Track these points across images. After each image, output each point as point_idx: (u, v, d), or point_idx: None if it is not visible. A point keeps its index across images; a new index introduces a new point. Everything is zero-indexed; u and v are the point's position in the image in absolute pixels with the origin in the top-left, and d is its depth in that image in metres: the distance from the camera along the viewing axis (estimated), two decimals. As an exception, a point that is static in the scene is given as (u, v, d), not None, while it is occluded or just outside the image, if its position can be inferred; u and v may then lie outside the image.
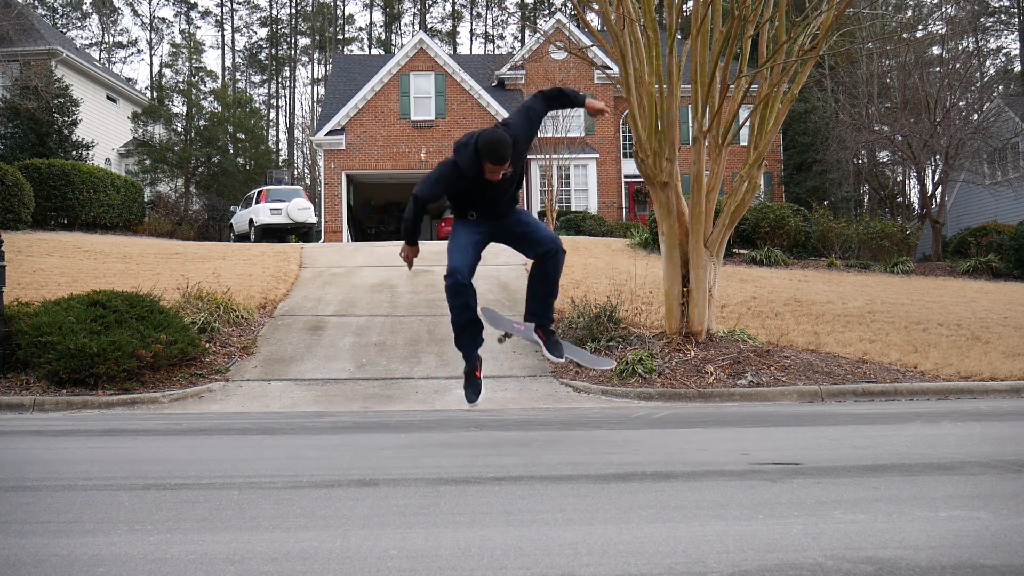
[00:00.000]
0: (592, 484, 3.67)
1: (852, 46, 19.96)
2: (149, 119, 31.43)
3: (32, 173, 19.18)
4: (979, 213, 26.96)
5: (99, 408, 7.33)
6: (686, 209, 8.88)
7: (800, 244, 17.38)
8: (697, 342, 8.65)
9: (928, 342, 9.65)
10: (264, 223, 23.86)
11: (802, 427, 5.83)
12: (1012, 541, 2.68)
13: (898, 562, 2.46)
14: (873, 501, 3.25)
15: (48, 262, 13.49)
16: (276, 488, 3.62)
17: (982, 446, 4.66)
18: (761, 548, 2.62)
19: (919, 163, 21.19)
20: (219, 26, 59.27)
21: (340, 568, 2.47)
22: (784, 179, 30.89)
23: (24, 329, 7.88)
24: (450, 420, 6.40)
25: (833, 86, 28.61)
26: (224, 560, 2.55)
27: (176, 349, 8.18)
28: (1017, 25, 40.86)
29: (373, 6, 59.32)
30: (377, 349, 9.33)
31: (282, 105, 59.20)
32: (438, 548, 2.66)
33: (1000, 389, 7.84)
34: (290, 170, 46.89)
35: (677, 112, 8.83)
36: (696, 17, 8.79)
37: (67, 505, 3.33)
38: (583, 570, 2.43)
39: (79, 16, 55.25)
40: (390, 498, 3.41)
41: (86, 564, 2.52)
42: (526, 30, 55.38)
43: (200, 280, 11.16)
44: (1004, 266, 16.89)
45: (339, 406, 7.44)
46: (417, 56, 28.31)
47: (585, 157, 28.58)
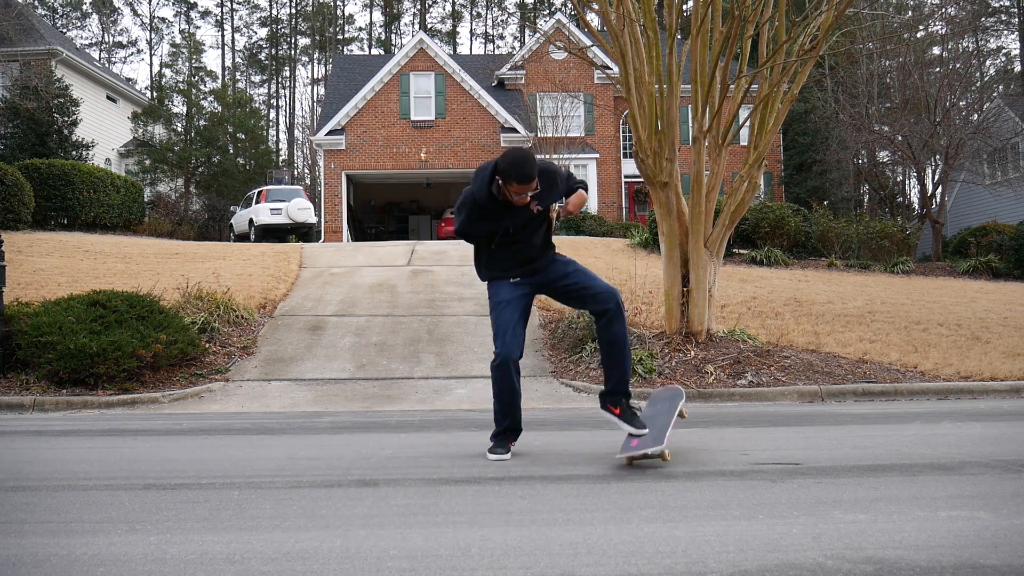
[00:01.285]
0: (592, 484, 3.67)
1: (852, 46, 19.98)
2: (149, 119, 31.43)
3: (32, 173, 19.18)
4: (979, 213, 26.96)
5: (99, 408, 7.33)
6: (686, 209, 8.88)
7: (800, 244, 17.38)
8: (697, 342, 8.65)
9: (928, 342, 9.65)
10: (264, 223, 23.86)
11: (802, 427, 5.82)
12: (1012, 541, 2.68)
13: (898, 562, 2.46)
14: (873, 501, 3.25)
15: (48, 262, 13.49)
16: (276, 488, 3.62)
17: (982, 446, 4.66)
18: (761, 548, 2.62)
19: (919, 163, 21.19)
20: (219, 26, 59.30)
21: (340, 568, 2.47)
22: (784, 179, 30.89)
23: (24, 329, 7.88)
24: (450, 420, 6.40)
25: (833, 86, 28.61)
26: (224, 560, 2.55)
27: (176, 349, 8.18)
28: (1017, 25, 40.86)
29: (373, 6, 59.33)
30: (377, 349, 9.33)
31: (282, 105, 59.23)
32: (438, 548, 2.66)
33: (1000, 389, 7.84)
34: (290, 170, 46.88)
35: (677, 112, 8.83)
36: (696, 17, 8.79)
37: (67, 505, 3.33)
38: (583, 570, 2.43)
39: (79, 16, 55.26)
40: (390, 498, 3.41)
41: (86, 564, 2.52)
42: (526, 30, 55.41)
43: (200, 280, 11.16)
44: (1004, 266, 16.89)
45: (339, 406, 7.44)
46: (417, 56, 28.31)
47: (585, 157, 28.57)
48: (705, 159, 8.88)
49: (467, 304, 11.42)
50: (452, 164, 27.76)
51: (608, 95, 29.57)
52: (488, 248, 4.26)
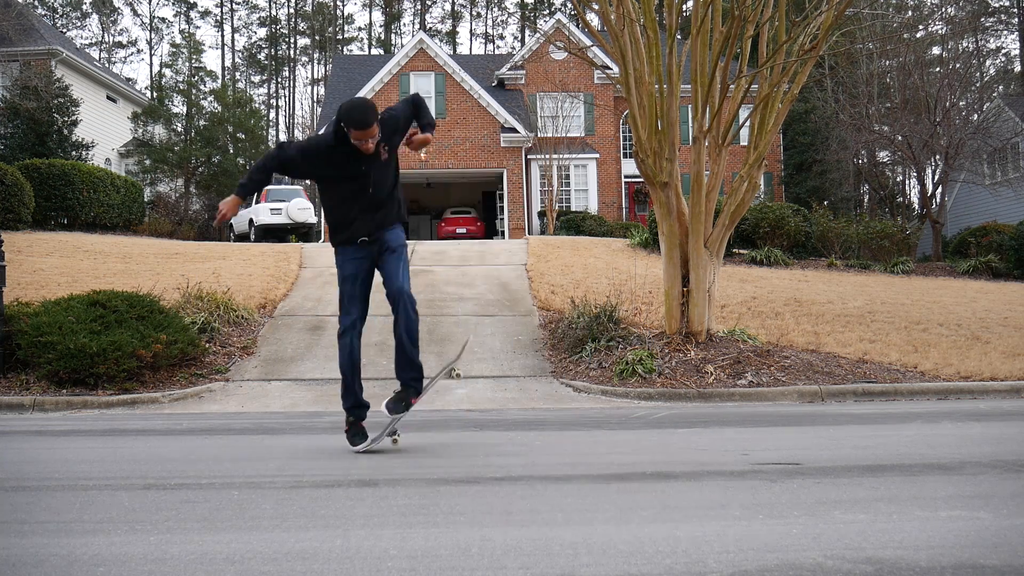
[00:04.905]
0: (592, 484, 3.67)
1: (852, 46, 19.99)
2: (149, 119, 31.42)
3: (32, 173, 19.17)
4: (979, 213, 26.95)
5: (99, 408, 7.33)
6: (686, 209, 8.88)
7: (800, 244, 17.38)
8: (697, 342, 8.65)
9: (928, 342, 9.65)
10: (264, 223, 23.85)
11: (802, 427, 5.82)
12: (1012, 541, 2.68)
13: (898, 562, 2.46)
14: (873, 501, 3.25)
15: (48, 262, 13.49)
16: (276, 488, 3.62)
17: (982, 446, 4.66)
18: (761, 548, 2.62)
19: (919, 163, 21.19)
20: (219, 26, 59.29)
21: (340, 568, 2.47)
22: (784, 179, 30.89)
23: (24, 329, 7.88)
24: (450, 420, 6.40)
25: (833, 86, 28.61)
26: (224, 560, 2.55)
27: (176, 349, 8.18)
28: (1017, 25, 40.86)
29: (373, 6, 59.32)
30: (377, 349, 9.32)
31: (282, 105, 59.23)
32: (438, 548, 2.66)
33: (1000, 389, 7.84)
34: (290, 170, 46.78)
35: (677, 112, 8.83)
36: (696, 17, 8.79)
37: (67, 505, 3.33)
38: (583, 570, 2.42)
39: (79, 16, 55.24)
40: (390, 498, 3.41)
41: (86, 564, 2.52)
42: (526, 30, 55.41)
43: (200, 280, 11.16)
44: (1004, 266, 16.89)
45: (339, 406, 7.42)
46: (417, 56, 28.30)
47: (585, 157, 28.57)
48: (705, 159, 8.88)
49: (467, 304, 11.41)
50: (452, 164, 27.76)
51: (608, 95, 29.56)
52: (338, 199, 4.40)
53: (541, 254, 15.43)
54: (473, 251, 16.16)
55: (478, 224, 28.17)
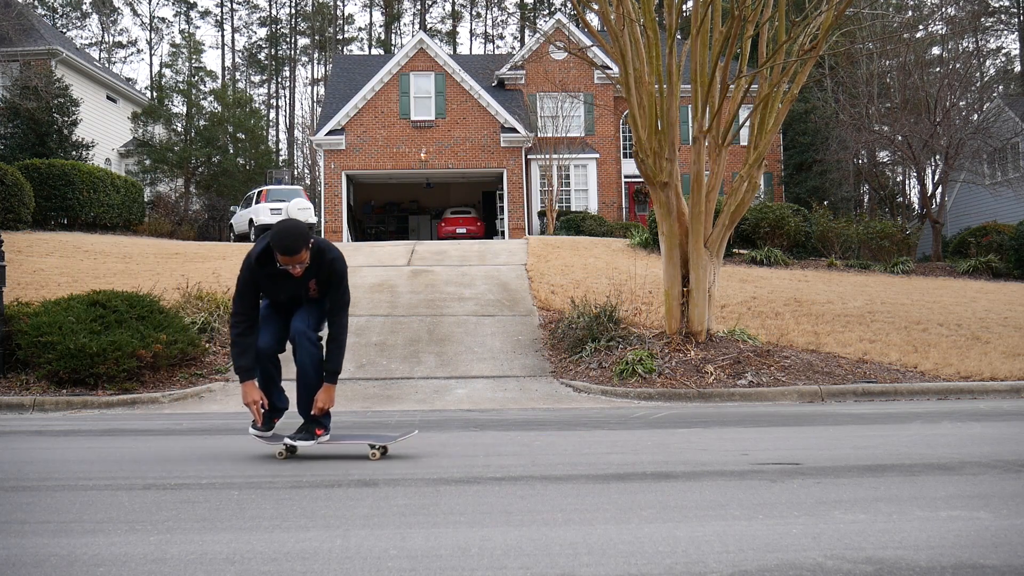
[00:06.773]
0: (592, 484, 3.67)
1: (852, 46, 19.96)
2: (149, 119, 31.41)
3: (32, 173, 19.18)
4: (979, 213, 26.95)
5: (99, 408, 7.33)
6: (686, 209, 8.88)
7: (800, 244, 17.38)
8: (697, 342, 8.65)
9: (928, 342, 9.65)
10: (264, 223, 23.83)
11: (802, 427, 5.82)
12: (1012, 541, 2.68)
13: (898, 562, 2.46)
14: (873, 501, 3.25)
15: (48, 262, 13.48)
16: (276, 488, 3.62)
17: (982, 446, 4.66)
18: (761, 548, 2.62)
19: (919, 163, 21.19)
20: (219, 26, 59.27)
21: (340, 568, 2.47)
22: (784, 179, 30.88)
23: (24, 329, 7.88)
24: (450, 420, 6.40)
25: (833, 86, 28.61)
26: (224, 560, 2.55)
27: (176, 349, 8.18)
28: (1017, 25, 40.86)
29: (373, 6, 59.30)
30: (377, 349, 9.32)
31: (282, 105, 59.19)
32: (438, 548, 2.66)
33: (1000, 389, 7.84)
34: (290, 170, 46.88)
35: (677, 112, 8.83)
36: (696, 17, 8.79)
37: (67, 505, 3.33)
38: (583, 570, 2.42)
39: (79, 16, 55.21)
40: (390, 498, 3.41)
41: (86, 564, 2.52)
42: (526, 30, 55.39)
43: (200, 280, 11.16)
44: (1004, 266, 16.89)
45: (339, 406, 7.41)
46: (417, 56, 28.30)
47: (585, 157, 28.57)
48: (705, 159, 8.88)
49: (467, 304, 11.41)
50: (452, 164, 27.76)
51: (608, 95, 29.55)
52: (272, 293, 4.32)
53: (541, 254, 15.44)
54: (473, 251, 16.16)
55: (478, 224, 28.17)
